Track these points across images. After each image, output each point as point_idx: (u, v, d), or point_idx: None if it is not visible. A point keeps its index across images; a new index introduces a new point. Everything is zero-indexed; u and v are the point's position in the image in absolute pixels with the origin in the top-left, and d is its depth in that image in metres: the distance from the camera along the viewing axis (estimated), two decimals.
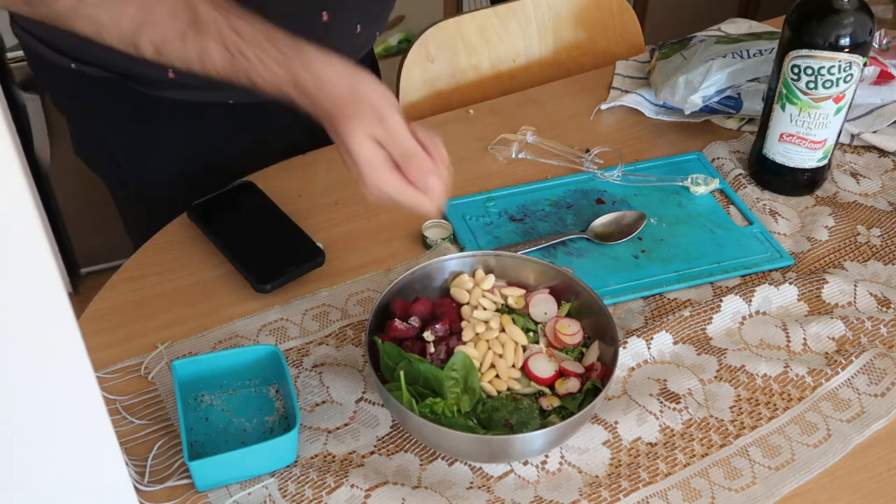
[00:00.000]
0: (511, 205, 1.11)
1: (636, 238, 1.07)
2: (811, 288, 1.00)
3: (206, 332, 0.95)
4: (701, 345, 0.95)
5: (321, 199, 1.12)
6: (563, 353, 0.88)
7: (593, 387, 0.84)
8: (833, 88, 1.04)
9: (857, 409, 0.89)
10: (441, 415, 0.81)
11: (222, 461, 0.79)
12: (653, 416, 0.88)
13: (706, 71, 1.21)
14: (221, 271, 1.02)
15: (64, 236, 2.16)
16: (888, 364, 0.92)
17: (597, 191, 1.14)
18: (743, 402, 0.90)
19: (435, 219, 1.06)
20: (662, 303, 1.00)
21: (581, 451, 0.85)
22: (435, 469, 0.84)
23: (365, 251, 1.05)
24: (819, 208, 1.12)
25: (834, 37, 1.01)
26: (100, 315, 0.97)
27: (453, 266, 0.93)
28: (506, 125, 1.24)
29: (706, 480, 0.83)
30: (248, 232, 1.05)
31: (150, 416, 0.88)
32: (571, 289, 0.91)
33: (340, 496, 0.80)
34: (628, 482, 0.83)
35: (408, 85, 1.36)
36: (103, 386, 0.89)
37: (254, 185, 1.10)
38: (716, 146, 1.20)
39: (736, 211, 1.12)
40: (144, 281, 1.01)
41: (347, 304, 0.99)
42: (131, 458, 0.84)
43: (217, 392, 0.89)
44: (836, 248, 1.07)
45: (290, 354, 0.94)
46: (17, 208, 0.42)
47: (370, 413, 0.88)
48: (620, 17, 1.50)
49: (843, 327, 0.96)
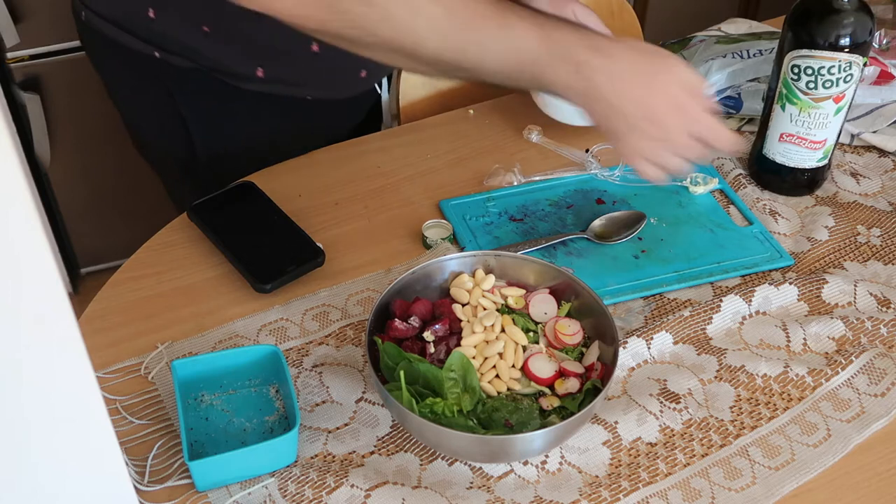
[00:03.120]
0: (511, 205, 1.11)
1: (636, 238, 1.07)
2: (811, 288, 1.00)
3: (206, 332, 0.95)
4: (701, 345, 0.95)
5: (321, 199, 1.12)
6: (563, 353, 0.88)
7: (593, 387, 0.84)
8: (833, 88, 1.04)
9: (857, 409, 0.89)
10: (441, 415, 0.81)
11: (222, 461, 0.79)
12: (653, 416, 0.88)
13: (706, 71, 1.21)
14: (221, 271, 1.02)
15: (64, 236, 2.16)
16: (888, 364, 0.92)
17: (597, 191, 1.14)
18: (743, 402, 0.90)
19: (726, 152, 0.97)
20: (662, 303, 1.00)
21: (581, 451, 0.85)
22: (435, 469, 0.84)
23: (365, 251, 1.05)
24: (819, 208, 1.12)
25: (834, 37, 1.01)
26: (100, 315, 0.97)
27: (453, 266, 0.93)
28: (506, 125, 1.24)
29: (706, 480, 0.83)
30: (248, 232, 1.05)
31: (150, 416, 0.88)
32: (571, 289, 0.91)
33: (340, 496, 0.80)
34: (628, 482, 0.83)
35: (408, 85, 1.36)
36: (103, 386, 0.89)
37: (254, 185, 1.10)
38: None
39: (736, 211, 1.12)
40: (144, 281, 1.01)
41: (347, 304, 0.99)
42: (131, 458, 0.84)
43: (217, 392, 0.89)
44: (836, 248, 1.07)
45: (290, 354, 0.94)
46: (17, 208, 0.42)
47: (370, 413, 0.88)
48: (620, 17, 1.50)
49: (843, 327, 0.96)
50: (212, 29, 1.07)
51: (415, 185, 1.15)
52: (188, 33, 1.08)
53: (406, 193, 1.13)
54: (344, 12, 0.84)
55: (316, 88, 1.02)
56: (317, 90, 1.00)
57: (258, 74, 1.11)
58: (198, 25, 1.07)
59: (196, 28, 1.07)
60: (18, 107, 1.90)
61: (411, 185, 1.15)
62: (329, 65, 1.11)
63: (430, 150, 1.20)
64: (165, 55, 1.11)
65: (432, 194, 1.13)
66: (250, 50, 1.10)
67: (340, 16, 0.84)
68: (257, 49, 1.09)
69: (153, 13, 1.07)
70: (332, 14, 0.84)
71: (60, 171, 2.04)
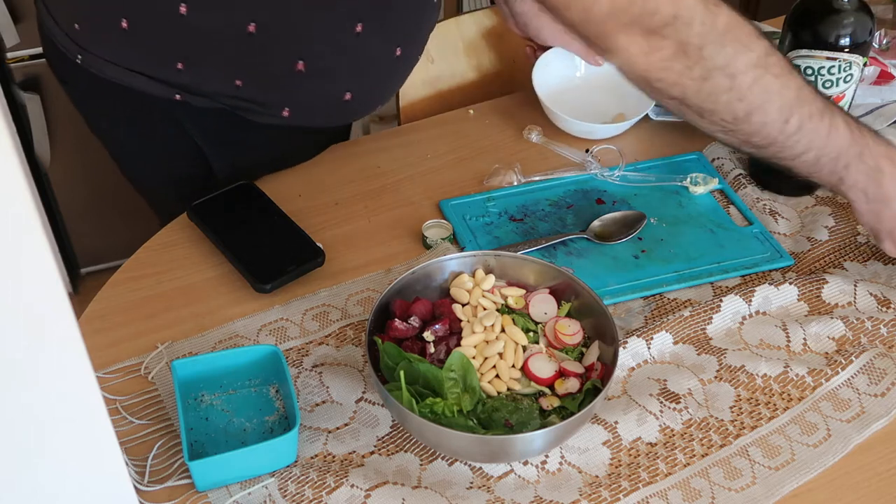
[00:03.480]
0: (511, 205, 1.11)
1: (636, 238, 1.07)
2: (811, 288, 1.00)
3: (206, 332, 0.95)
4: (701, 345, 0.95)
5: (321, 199, 1.12)
6: (563, 353, 0.88)
7: (593, 387, 0.84)
8: (833, 88, 1.04)
9: (857, 409, 0.89)
10: (441, 415, 0.81)
11: (222, 461, 0.79)
12: (653, 416, 0.88)
13: None
14: (221, 271, 1.02)
15: (64, 236, 2.16)
16: (888, 364, 0.92)
17: (597, 191, 1.14)
18: (743, 402, 0.90)
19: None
20: (662, 303, 1.00)
21: (581, 451, 0.85)
22: (435, 469, 0.84)
23: (365, 251, 1.05)
24: (819, 208, 1.12)
25: (834, 37, 1.01)
26: (100, 315, 0.97)
27: (453, 266, 0.93)
28: (506, 125, 1.24)
29: (706, 480, 0.83)
30: (248, 232, 1.05)
31: (150, 416, 0.88)
32: (571, 289, 0.91)
33: (340, 496, 0.80)
34: (628, 482, 0.83)
35: (408, 85, 1.36)
36: (103, 386, 0.89)
37: (254, 185, 1.10)
38: (716, 146, 1.20)
39: (736, 211, 1.12)
40: (144, 281, 1.01)
41: (347, 304, 0.99)
42: (131, 458, 0.84)
43: (217, 392, 0.89)
44: (836, 248, 1.07)
45: (290, 354, 0.94)
46: (17, 208, 0.42)
47: (370, 413, 0.88)
48: None
49: (843, 327, 0.96)
50: (244, 83, 1.04)
51: (415, 185, 1.15)
52: (221, 84, 1.05)
53: (406, 193, 1.13)
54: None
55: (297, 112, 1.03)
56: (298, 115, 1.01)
57: (284, 114, 1.09)
58: (231, 80, 1.04)
59: (229, 82, 1.04)
60: (18, 107, 1.90)
61: (411, 185, 1.15)
62: (314, 87, 1.08)
63: (430, 150, 1.20)
64: (188, 97, 1.07)
65: (432, 194, 1.13)
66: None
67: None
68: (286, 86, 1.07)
69: (182, 66, 1.03)
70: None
71: (60, 171, 2.03)
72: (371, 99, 1.14)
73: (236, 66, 1.03)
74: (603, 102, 1.26)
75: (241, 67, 1.03)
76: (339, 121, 1.18)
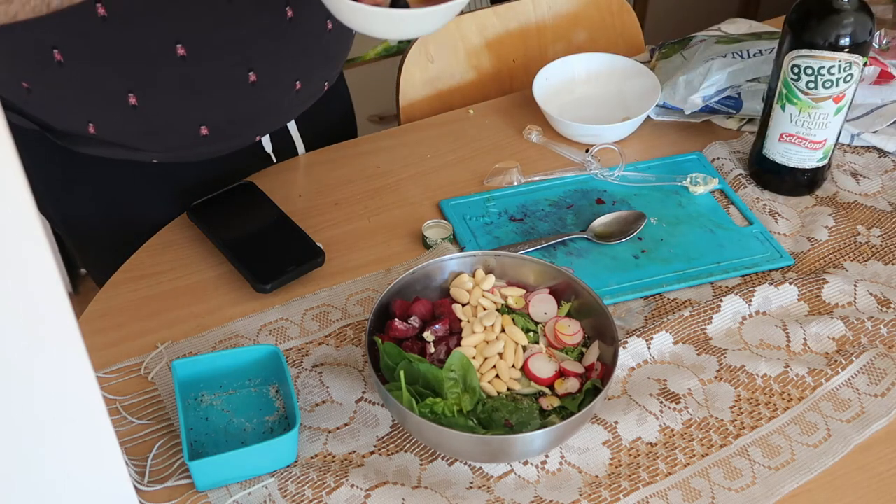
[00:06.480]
0: (511, 205, 1.11)
1: (636, 238, 1.07)
2: (811, 288, 1.00)
3: (206, 332, 0.95)
4: (701, 345, 0.95)
5: (321, 199, 1.12)
6: (563, 353, 0.88)
7: (593, 387, 0.84)
8: (833, 88, 1.04)
9: (857, 409, 0.89)
10: (441, 415, 0.81)
11: (222, 461, 0.79)
12: (653, 416, 0.88)
13: (706, 71, 1.21)
14: (221, 271, 1.02)
15: None
16: (888, 364, 0.92)
17: (597, 191, 1.14)
18: (743, 402, 0.90)
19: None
20: (662, 303, 1.00)
21: (581, 451, 0.85)
22: (435, 469, 0.84)
23: (365, 251, 1.05)
24: (819, 208, 1.12)
25: (834, 37, 1.01)
26: (100, 315, 0.97)
27: (453, 266, 0.93)
28: (506, 125, 1.24)
29: (706, 480, 0.83)
30: (248, 232, 1.05)
31: (150, 416, 0.88)
32: (571, 289, 0.91)
33: (340, 496, 0.80)
34: (628, 482, 0.83)
35: (408, 85, 1.36)
36: (103, 386, 0.89)
37: (254, 185, 1.10)
38: (716, 146, 1.20)
39: (736, 211, 1.12)
40: (144, 281, 1.01)
41: (347, 304, 0.99)
42: (131, 458, 0.84)
43: (217, 392, 0.89)
44: (836, 248, 1.07)
45: (290, 354, 0.94)
46: (17, 208, 0.42)
47: (370, 413, 0.88)
48: (620, 17, 1.50)
49: (843, 327, 0.96)
50: (31, 84, 0.98)
51: (415, 185, 1.15)
52: (11, 91, 1.00)
53: (406, 193, 1.13)
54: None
55: (158, 150, 0.96)
56: (162, 153, 0.94)
57: (90, 132, 1.01)
58: (18, 83, 0.98)
59: (17, 86, 0.99)
60: None
61: (411, 185, 1.15)
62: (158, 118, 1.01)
63: (430, 150, 1.20)
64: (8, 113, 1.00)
65: (432, 194, 1.13)
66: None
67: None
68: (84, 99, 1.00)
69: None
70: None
71: None
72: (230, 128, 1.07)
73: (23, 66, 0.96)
74: (604, 108, 1.26)
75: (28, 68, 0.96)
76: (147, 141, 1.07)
